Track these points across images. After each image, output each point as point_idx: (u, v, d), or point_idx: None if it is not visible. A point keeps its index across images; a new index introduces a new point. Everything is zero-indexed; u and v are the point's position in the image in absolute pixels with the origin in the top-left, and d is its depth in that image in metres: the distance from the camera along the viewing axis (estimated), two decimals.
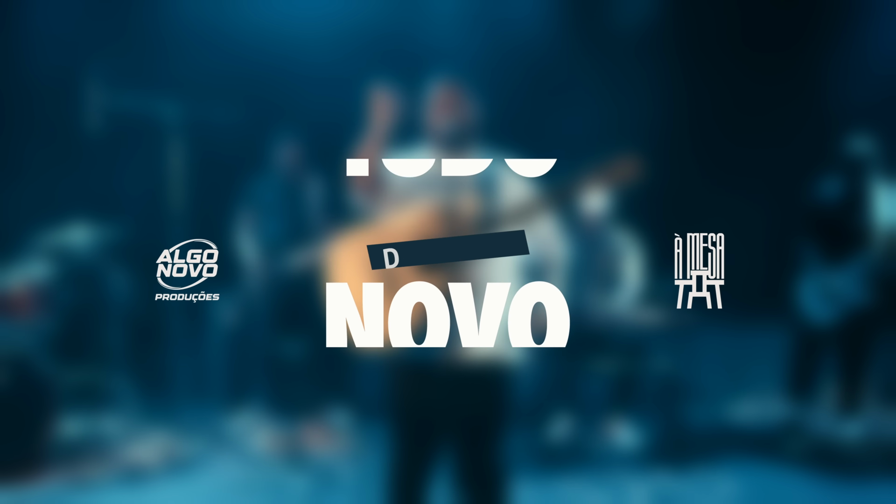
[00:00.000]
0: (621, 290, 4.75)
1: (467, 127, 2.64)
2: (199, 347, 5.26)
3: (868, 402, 5.27)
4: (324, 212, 5.06)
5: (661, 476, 4.00)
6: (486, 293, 2.52)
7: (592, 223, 4.68)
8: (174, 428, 4.66)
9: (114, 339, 4.67)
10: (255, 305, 5.04)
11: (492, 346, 2.58)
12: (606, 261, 4.72)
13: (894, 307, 4.53)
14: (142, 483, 3.87)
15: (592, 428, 4.78)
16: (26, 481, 3.80)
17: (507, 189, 2.63)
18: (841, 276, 4.44)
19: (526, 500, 3.72)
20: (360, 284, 2.55)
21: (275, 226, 5.03)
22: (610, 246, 4.74)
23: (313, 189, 5.07)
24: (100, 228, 4.57)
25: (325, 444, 4.34)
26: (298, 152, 5.02)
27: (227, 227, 5.19)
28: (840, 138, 4.64)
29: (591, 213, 4.64)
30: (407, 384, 2.62)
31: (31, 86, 5.37)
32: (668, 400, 4.36)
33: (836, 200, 4.52)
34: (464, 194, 2.60)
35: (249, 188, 5.12)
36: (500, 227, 2.47)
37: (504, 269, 2.61)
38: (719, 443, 4.50)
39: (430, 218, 2.49)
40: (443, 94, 2.64)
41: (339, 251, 2.61)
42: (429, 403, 2.58)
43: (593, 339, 4.43)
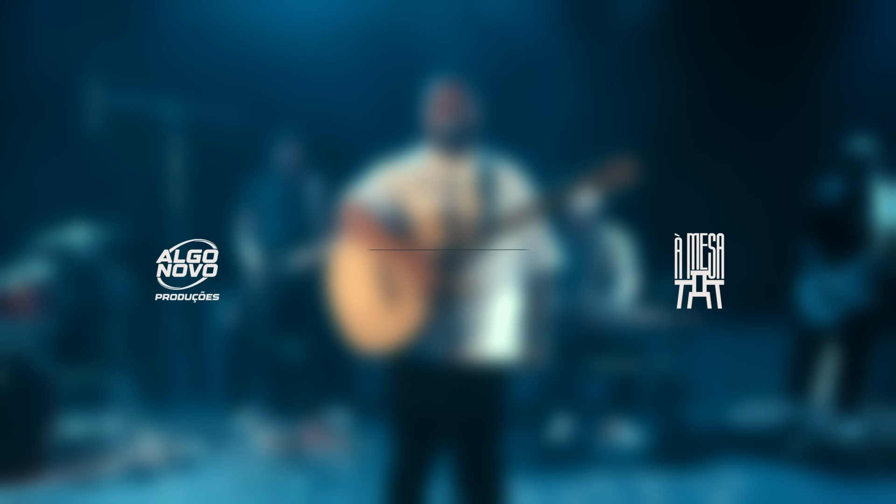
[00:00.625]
0: (616, 288, 4.75)
1: (468, 127, 2.64)
2: (199, 347, 5.27)
3: (868, 401, 5.27)
4: (324, 211, 5.06)
5: (661, 476, 4.00)
6: (487, 294, 2.52)
7: (583, 222, 4.68)
8: (174, 428, 4.66)
9: (114, 339, 4.67)
10: (255, 305, 5.04)
11: (492, 347, 2.58)
12: (599, 260, 4.73)
13: (894, 307, 4.53)
14: (142, 483, 3.87)
15: (592, 428, 4.78)
16: (26, 481, 3.80)
17: (506, 191, 2.63)
18: (841, 276, 4.44)
19: (525, 500, 3.73)
20: (361, 285, 2.55)
21: (275, 226, 5.04)
22: (601, 245, 4.75)
23: (313, 189, 5.07)
24: (100, 228, 4.57)
25: (325, 444, 4.34)
26: (298, 152, 5.02)
27: (228, 227, 5.19)
28: (840, 138, 4.64)
29: (582, 213, 4.65)
30: (407, 385, 2.62)
31: (31, 85, 5.36)
32: (667, 400, 4.36)
33: (837, 200, 4.52)
34: (463, 195, 2.60)
35: (249, 188, 5.12)
36: (498, 230, 2.47)
37: (504, 269, 2.61)
38: (719, 443, 4.50)
39: (430, 219, 2.49)
40: (444, 95, 2.64)
41: (341, 253, 2.61)
42: (428, 404, 2.58)
43: (591, 339, 4.43)
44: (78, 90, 4.40)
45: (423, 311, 2.44)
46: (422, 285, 2.41)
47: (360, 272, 2.55)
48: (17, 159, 5.43)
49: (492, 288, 2.55)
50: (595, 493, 3.79)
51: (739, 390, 5.74)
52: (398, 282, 2.49)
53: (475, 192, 2.59)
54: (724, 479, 3.97)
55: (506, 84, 5.51)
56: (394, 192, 2.63)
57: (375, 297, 2.52)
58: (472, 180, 2.62)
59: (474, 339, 2.55)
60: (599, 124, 6.06)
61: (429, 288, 2.40)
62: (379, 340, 2.51)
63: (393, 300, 2.49)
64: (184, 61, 5.70)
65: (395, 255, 2.48)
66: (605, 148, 2.41)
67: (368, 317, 2.54)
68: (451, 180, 2.59)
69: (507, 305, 2.61)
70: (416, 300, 2.45)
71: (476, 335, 2.55)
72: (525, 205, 2.45)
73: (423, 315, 2.44)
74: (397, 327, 2.48)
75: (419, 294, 2.42)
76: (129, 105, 4.38)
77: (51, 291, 4.27)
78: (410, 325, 2.45)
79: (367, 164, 2.49)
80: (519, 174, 2.70)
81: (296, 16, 5.68)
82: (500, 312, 2.59)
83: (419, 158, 2.70)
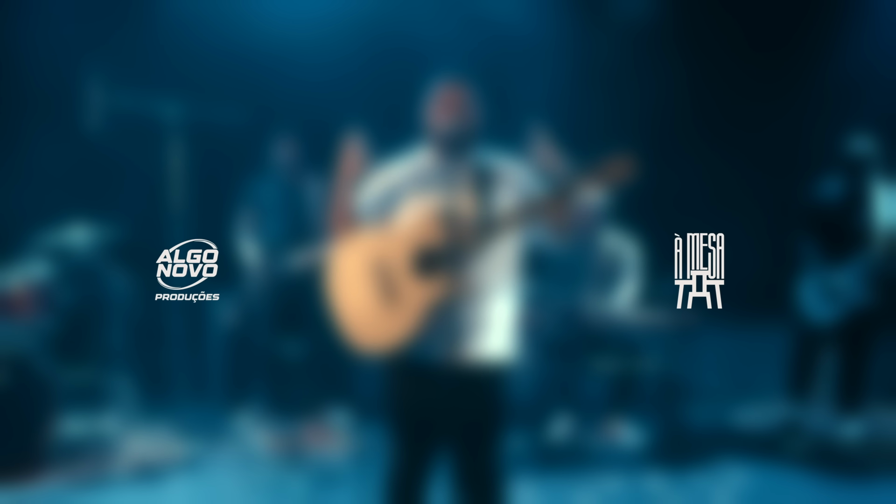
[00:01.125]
0: (619, 289, 4.75)
1: (469, 128, 2.64)
2: (199, 347, 5.27)
3: (868, 401, 5.27)
4: (324, 211, 5.06)
5: (662, 476, 4.00)
6: (486, 294, 2.51)
7: (587, 221, 4.68)
8: (174, 428, 4.66)
9: (114, 339, 4.67)
10: (255, 305, 5.04)
11: (491, 347, 2.58)
12: (603, 259, 4.72)
13: (894, 307, 4.53)
14: (142, 483, 3.87)
15: (592, 428, 4.78)
16: (26, 481, 3.80)
17: (505, 191, 2.63)
18: (841, 275, 4.43)
19: (526, 500, 3.73)
20: (360, 286, 2.54)
21: (275, 226, 5.03)
22: (606, 244, 4.75)
23: (313, 189, 5.06)
24: (100, 228, 4.57)
25: (325, 444, 4.34)
26: (297, 152, 5.02)
27: (228, 227, 5.19)
28: (840, 138, 4.64)
29: (586, 211, 4.65)
30: (406, 385, 2.62)
31: (32, 85, 5.36)
32: (667, 400, 4.36)
33: (837, 200, 4.51)
34: (463, 195, 2.59)
35: (249, 188, 5.12)
36: (498, 230, 2.46)
37: (503, 269, 2.60)
38: (720, 443, 4.50)
39: (430, 220, 2.49)
40: (445, 95, 2.63)
41: (341, 254, 2.61)
42: (428, 404, 2.57)
43: (591, 339, 4.43)
44: (78, 90, 4.41)
45: (422, 312, 2.44)
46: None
47: (359, 272, 2.55)
48: (17, 159, 5.43)
49: (491, 288, 2.54)
50: (595, 493, 3.79)
51: (739, 390, 5.75)
52: (396, 282, 2.49)
53: (474, 192, 2.59)
54: (724, 479, 3.97)
55: (503, 80, 5.52)
56: (392, 191, 2.63)
57: (374, 298, 2.52)
58: (472, 180, 2.61)
59: (474, 339, 2.55)
60: (599, 122, 6.07)
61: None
62: (378, 341, 2.51)
63: (391, 301, 2.49)
64: (183, 61, 5.70)
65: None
66: (605, 146, 2.40)
67: (367, 317, 2.53)
68: (451, 180, 2.59)
69: (507, 305, 2.61)
70: (414, 301, 2.45)
71: (476, 335, 2.55)
72: (524, 204, 2.44)
73: (422, 316, 2.44)
74: (396, 328, 2.47)
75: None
76: (130, 105, 4.38)
77: (51, 291, 4.26)
78: (409, 325, 2.45)
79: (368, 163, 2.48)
80: (521, 172, 2.70)
81: (295, 16, 5.67)
82: (500, 312, 2.59)
83: (418, 158, 2.70)
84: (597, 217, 4.67)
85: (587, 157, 2.49)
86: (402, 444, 2.66)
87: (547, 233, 2.63)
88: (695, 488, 3.85)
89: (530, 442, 4.45)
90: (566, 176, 2.41)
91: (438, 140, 2.64)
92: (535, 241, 2.74)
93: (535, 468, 4.10)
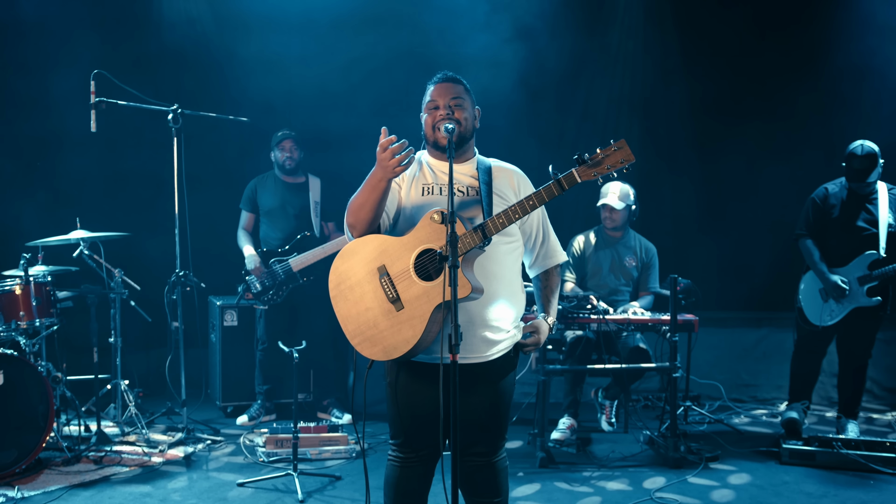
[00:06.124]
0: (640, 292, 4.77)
1: (468, 129, 2.63)
2: (200, 348, 5.27)
3: (868, 402, 5.27)
4: (323, 211, 5.06)
5: (663, 476, 4.00)
6: (487, 294, 2.51)
7: (614, 225, 4.70)
8: (174, 428, 4.66)
9: (113, 339, 4.67)
10: (256, 307, 5.04)
11: (492, 347, 2.57)
12: (627, 262, 4.75)
13: (894, 307, 4.53)
14: (142, 482, 3.87)
15: (592, 426, 4.79)
16: (26, 481, 3.81)
17: (505, 190, 2.63)
18: (842, 276, 4.43)
19: (526, 500, 3.73)
20: (365, 287, 2.54)
21: (275, 226, 5.03)
22: (632, 248, 4.77)
23: (313, 189, 5.06)
24: (99, 228, 4.57)
25: (326, 444, 4.33)
26: (297, 152, 5.01)
27: (228, 227, 5.19)
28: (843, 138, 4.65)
29: (614, 215, 4.66)
30: (407, 384, 2.61)
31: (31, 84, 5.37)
32: (667, 399, 4.36)
33: (837, 201, 4.51)
34: (462, 195, 2.59)
35: (249, 188, 5.11)
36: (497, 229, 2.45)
37: (505, 269, 2.60)
38: (720, 442, 4.50)
39: (430, 219, 2.48)
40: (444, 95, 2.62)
41: (341, 253, 2.60)
42: (431, 403, 2.57)
43: (594, 339, 4.43)
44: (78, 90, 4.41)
45: (426, 313, 2.43)
46: None
47: (361, 274, 2.54)
48: (17, 158, 5.44)
49: (492, 288, 2.54)
50: (595, 493, 3.80)
51: (739, 390, 5.75)
52: (400, 284, 2.48)
53: (474, 192, 2.59)
54: (724, 479, 3.97)
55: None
56: (391, 191, 2.62)
57: (377, 300, 2.51)
58: (471, 180, 2.61)
59: (475, 339, 2.54)
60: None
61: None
62: (383, 344, 2.50)
63: (395, 302, 2.48)
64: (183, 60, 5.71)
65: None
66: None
67: (372, 319, 2.53)
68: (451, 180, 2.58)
69: (508, 305, 2.60)
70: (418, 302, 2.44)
71: (477, 335, 2.54)
72: (523, 203, 2.43)
73: (427, 317, 2.43)
74: (401, 330, 2.47)
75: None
76: (129, 105, 4.38)
77: (51, 291, 4.27)
78: (414, 327, 2.44)
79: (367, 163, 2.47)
80: (519, 172, 2.70)
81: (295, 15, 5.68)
82: (501, 312, 2.58)
83: (417, 157, 2.69)
84: (625, 221, 4.70)
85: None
86: (403, 443, 2.66)
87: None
88: (695, 488, 3.85)
89: (530, 442, 4.45)
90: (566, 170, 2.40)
91: (437, 140, 2.62)
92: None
93: (534, 468, 4.11)
